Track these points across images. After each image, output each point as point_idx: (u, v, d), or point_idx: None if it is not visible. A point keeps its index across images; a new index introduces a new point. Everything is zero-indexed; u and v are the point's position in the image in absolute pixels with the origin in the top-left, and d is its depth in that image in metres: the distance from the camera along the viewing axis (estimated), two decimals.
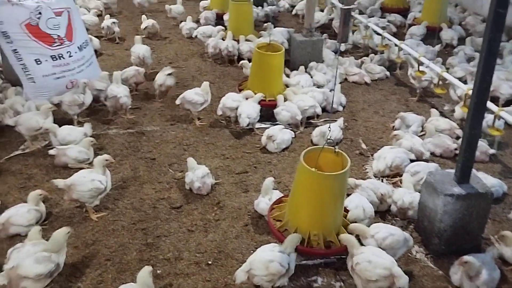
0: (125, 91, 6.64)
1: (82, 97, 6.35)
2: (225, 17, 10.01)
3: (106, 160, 4.84)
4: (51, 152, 5.55)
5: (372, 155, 6.00)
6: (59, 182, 4.66)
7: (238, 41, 8.72)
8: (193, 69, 8.52)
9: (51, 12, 6.60)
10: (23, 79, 6.62)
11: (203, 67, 8.63)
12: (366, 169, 5.81)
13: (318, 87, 7.38)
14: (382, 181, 5.40)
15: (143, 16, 10.24)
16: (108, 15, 10.17)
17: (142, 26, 9.81)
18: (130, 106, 6.76)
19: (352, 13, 9.75)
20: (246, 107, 6.32)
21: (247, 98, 6.56)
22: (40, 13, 6.49)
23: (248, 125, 6.32)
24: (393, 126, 6.62)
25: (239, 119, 6.30)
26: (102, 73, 7.11)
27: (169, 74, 7.18)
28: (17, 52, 6.48)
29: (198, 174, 5.18)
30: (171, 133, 6.46)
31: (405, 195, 4.80)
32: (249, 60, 8.38)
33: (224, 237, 4.67)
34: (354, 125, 6.81)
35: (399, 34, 10.16)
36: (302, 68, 7.88)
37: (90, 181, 4.64)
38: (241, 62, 7.92)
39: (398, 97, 7.72)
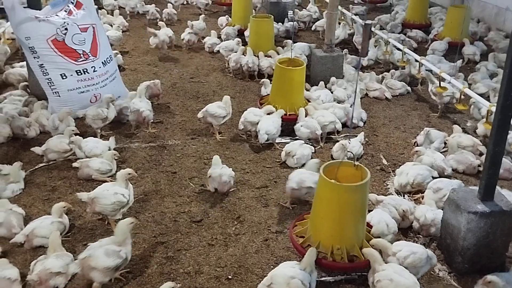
0: (148, 105, 6.74)
1: (106, 111, 6.46)
2: (246, 33, 10.10)
3: (129, 174, 4.90)
4: (74, 164, 5.66)
5: (393, 171, 5.96)
6: (83, 195, 4.74)
7: (258, 56, 8.79)
8: (214, 84, 8.61)
9: (77, 28, 6.76)
10: (49, 93, 6.78)
11: (224, 82, 8.71)
12: (388, 185, 5.77)
13: (338, 103, 7.38)
14: (404, 197, 5.35)
15: (162, 23, 10.47)
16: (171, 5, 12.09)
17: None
18: (152, 120, 6.84)
19: (373, 29, 9.76)
20: (265, 123, 6.34)
21: (268, 113, 6.59)
22: (66, 29, 6.66)
23: (267, 141, 6.34)
24: (415, 142, 6.57)
25: (258, 135, 6.33)
26: (130, 93, 7.18)
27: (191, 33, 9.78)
28: (43, 66, 6.65)
29: (226, 171, 5.38)
30: (192, 147, 6.52)
31: (428, 212, 4.75)
32: (269, 76, 8.48)
33: (244, 251, 4.67)
34: (375, 140, 6.78)
35: (420, 49, 10.12)
36: (322, 83, 7.90)
37: (113, 194, 4.71)
38: (262, 80, 7.96)
39: (420, 113, 7.67)
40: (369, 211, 4.72)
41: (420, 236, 4.86)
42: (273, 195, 5.54)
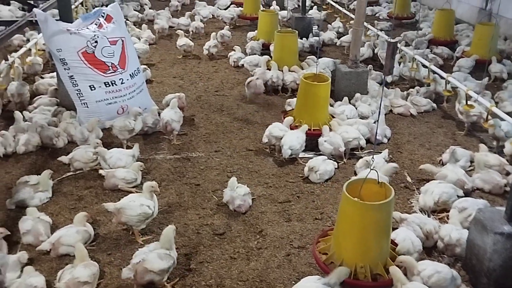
0: (175, 116, 6.83)
1: (133, 123, 6.58)
2: (272, 47, 10.17)
3: (152, 187, 4.96)
4: (101, 171, 5.79)
5: (417, 188, 5.91)
6: (109, 206, 4.82)
7: (282, 71, 8.84)
8: (239, 97, 8.68)
9: (107, 41, 6.92)
10: (77, 103, 6.93)
11: (248, 95, 8.77)
12: (412, 203, 5.72)
13: (362, 118, 7.37)
14: (428, 216, 5.29)
15: (180, 31, 10.76)
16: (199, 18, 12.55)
17: (179, 43, 10.52)
18: (177, 131, 6.92)
19: (398, 45, 9.73)
20: (289, 138, 6.36)
21: (291, 128, 6.61)
22: (96, 41, 6.82)
23: (290, 155, 6.35)
24: (440, 160, 6.51)
25: (282, 150, 6.35)
26: (153, 107, 7.30)
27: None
28: (73, 78, 6.81)
29: (240, 191, 5.39)
30: (215, 159, 6.57)
31: (453, 232, 4.69)
32: (293, 91, 8.52)
33: (266, 266, 4.67)
34: (399, 157, 6.73)
35: (446, 66, 10.05)
36: (346, 99, 7.89)
37: (139, 205, 4.77)
38: (288, 100, 8.03)
39: (445, 130, 7.60)
40: (394, 229, 4.68)
41: (445, 256, 4.79)
42: (296, 210, 5.54)
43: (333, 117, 7.19)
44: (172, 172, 6.22)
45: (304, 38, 11.21)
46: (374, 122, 7.14)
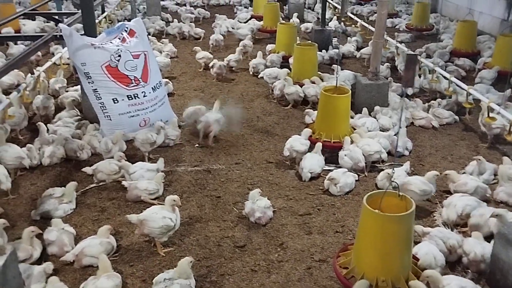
0: (217, 116, 7.21)
1: (155, 136, 6.67)
2: (291, 60, 10.21)
3: (174, 201, 4.99)
4: (124, 183, 5.87)
5: (440, 202, 5.84)
6: (132, 218, 4.88)
7: (300, 84, 8.84)
8: (259, 109, 8.72)
9: (130, 55, 7.04)
10: (101, 116, 7.05)
11: (268, 107, 8.82)
12: (434, 216, 5.65)
13: (382, 131, 7.34)
14: (451, 229, 5.23)
15: (198, 48, 10.98)
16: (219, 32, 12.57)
17: (198, 56, 10.73)
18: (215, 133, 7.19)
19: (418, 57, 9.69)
20: (309, 161, 6.36)
21: (312, 142, 6.61)
22: (119, 55, 6.95)
23: (310, 178, 6.35)
24: (463, 173, 6.43)
25: (301, 173, 6.34)
26: (173, 119, 7.39)
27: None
28: (97, 91, 6.93)
29: (260, 204, 5.42)
30: (236, 172, 6.60)
31: (477, 247, 4.60)
32: (313, 104, 8.53)
33: (287, 279, 4.66)
34: (421, 170, 6.67)
35: (469, 78, 9.96)
36: (365, 110, 7.87)
37: (162, 218, 4.82)
38: (306, 110, 8.05)
39: (468, 143, 7.51)
40: (416, 243, 4.64)
41: (469, 271, 4.72)
42: (316, 222, 5.53)
43: (354, 129, 7.17)
44: (193, 184, 6.27)
45: (323, 51, 11.24)
46: (395, 135, 7.11)
